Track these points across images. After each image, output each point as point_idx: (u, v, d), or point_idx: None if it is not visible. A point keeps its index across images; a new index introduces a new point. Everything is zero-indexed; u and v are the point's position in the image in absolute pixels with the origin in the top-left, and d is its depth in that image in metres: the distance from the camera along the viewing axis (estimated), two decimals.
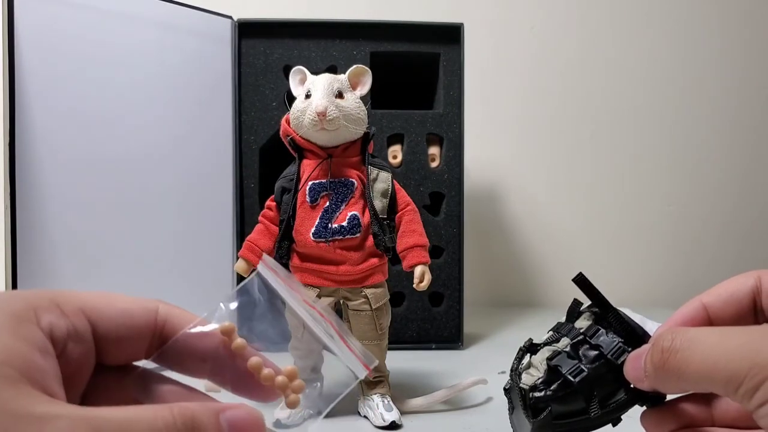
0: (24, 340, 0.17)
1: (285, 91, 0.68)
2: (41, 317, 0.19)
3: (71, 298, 0.20)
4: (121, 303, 0.21)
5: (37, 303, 0.19)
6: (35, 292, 0.19)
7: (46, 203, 0.53)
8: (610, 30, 0.99)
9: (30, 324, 0.18)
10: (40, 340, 0.18)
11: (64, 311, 0.19)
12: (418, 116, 0.70)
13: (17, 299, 0.19)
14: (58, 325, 0.19)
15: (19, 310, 0.18)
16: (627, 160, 1.01)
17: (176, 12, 0.63)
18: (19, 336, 0.17)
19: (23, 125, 0.52)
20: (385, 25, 0.70)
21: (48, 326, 0.18)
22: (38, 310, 0.19)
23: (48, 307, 0.19)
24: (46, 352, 0.18)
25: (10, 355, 0.17)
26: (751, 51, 1.02)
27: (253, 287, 0.23)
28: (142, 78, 0.60)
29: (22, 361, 0.17)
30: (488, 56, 0.96)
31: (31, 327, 0.18)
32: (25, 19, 0.52)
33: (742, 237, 1.03)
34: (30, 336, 0.18)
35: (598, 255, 1.01)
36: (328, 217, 0.47)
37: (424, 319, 0.70)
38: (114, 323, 0.20)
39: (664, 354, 0.22)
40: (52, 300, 0.19)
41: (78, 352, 0.19)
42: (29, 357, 0.17)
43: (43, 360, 0.18)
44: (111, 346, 0.21)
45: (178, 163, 0.63)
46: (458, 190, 0.70)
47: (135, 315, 0.21)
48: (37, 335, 0.18)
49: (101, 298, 0.21)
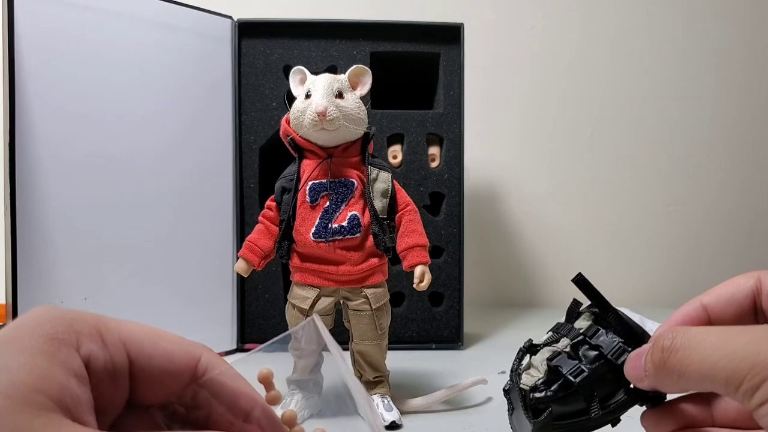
0: (61, 365, 0.17)
1: (285, 91, 0.68)
2: (82, 344, 0.18)
3: (115, 328, 0.19)
4: (164, 343, 0.20)
5: (79, 327, 0.18)
6: (79, 315, 0.19)
7: (46, 203, 0.53)
8: (610, 30, 0.99)
9: (70, 349, 0.18)
10: (78, 367, 0.17)
11: (106, 341, 0.19)
12: (418, 116, 0.70)
13: (59, 320, 0.18)
14: (97, 355, 0.18)
15: (60, 333, 0.18)
16: (627, 160, 1.01)
17: (176, 12, 0.63)
18: (56, 360, 0.17)
19: (23, 125, 0.52)
20: (385, 25, 0.70)
21: (87, 355, 0.18)
22: (80, 336, 0.18)
23: (90, 333, 0.18)
24: (82, 379, 0.17)
25: (44, 382, 0.16)
26: (751, 51, 1.02)
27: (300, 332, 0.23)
28: (142, 78, 0.60)
29: (57, 388, 0.16)
30: (488, 56, 0.96)
31: (71, 352, 0.17)
32: (25, 19, 0.52)
33: (742, 237, 1.03)
34: (68, 361, 0.17)
35: (598, 255, 1.01)
36: (328, 217, 0.47)
37: (424, 319, 0.70)
38: (154, 364, 0.20)
39: (665, 353, 0.22)
40: (95, 327, 0.19)
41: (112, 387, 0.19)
42: (64, 384, 0.17)
43: (78, 388, 0.17)
44: (145, 386, 0.20)
45: (178, 163, 0.63)
46: (458, 190, 0.70)
47: (176, 359, 0.20)
48: (75, 362, 0.17)
49: (146, 335, 0.20)
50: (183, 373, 0.20)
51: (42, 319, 0.18)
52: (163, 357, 0.20)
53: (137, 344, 0.20)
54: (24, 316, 0.18)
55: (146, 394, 0.20)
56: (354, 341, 0.49)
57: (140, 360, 0.19)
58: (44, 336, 0.17)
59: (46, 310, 0.18)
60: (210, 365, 0.21)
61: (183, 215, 0.64)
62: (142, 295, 0.59)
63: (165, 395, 0.20)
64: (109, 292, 0.57)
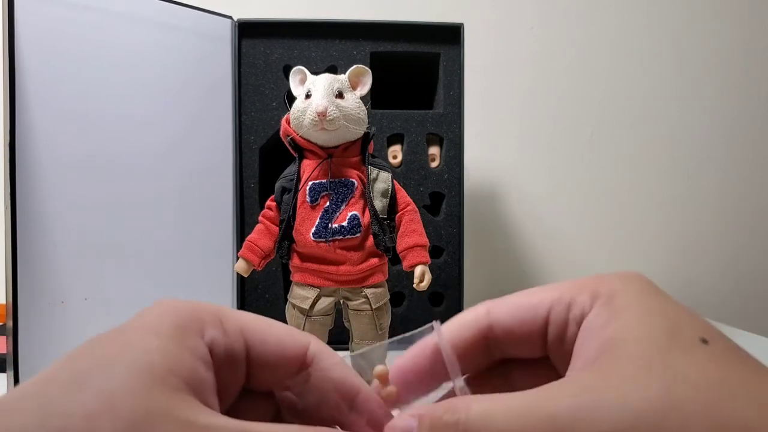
0: (189, 350, 0.18)
1: (285, 91, 0.68)
2: (206, 331, 0.19)
3: (233, 316, 0.20)
4: (277, 331, 0.21)
5: (202, 316, 0.19)
6: (201, 305, 0.20)
7: (46, 203, 0.53)
8: (611, 30, 0.99)
9: (196, 336, 0.19)
10: (204, 353, 0.18)
11: (226, 329, 0.20)
12: (418, 116, 0.70)
13: (184, 310, 0.19)
14: (219, 342, 0.19)
15: (185, 321, 0.19)
16: (627, 160, 1.01)
17: (176, 12, 0.63)
18: (185, 346, 0.18)
19: (23, 125, 0.52)
20: (385, 25, 0.70)
21: (210, 341, 0.19)
22: (203, 324, 0.19)
23: (212, 321, 0.19)
24: (208, 364, 0.18)
25: (177, 364, 0.17)
26: (751, 51, 1.02)
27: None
28: (141, 78, 0.60)
29: (188, 371, 0.17)
30: (488, 56, 0.96)
31: (197, 339, 0.18)
32: (25, 19, 0.52)
33: (742, 237, 1.03)
34: (195, 347, 0.18)
35: (598, 255, 1.01)
36: (328, 217, 0.47)
37: (424, 319, 0.70)
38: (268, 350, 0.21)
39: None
40: (215, 315, 0.20)
41: (231, 372, 0.20)
42: (194, 368, 0.18)
43: (204, 372, 0.18)
44: (259, 372, 0.21)
45: (178, 163, 0.63)
46: (458, 190, 0.70)
47: (288, 346, 0.21)
48: (201, 348, 0.18)
49: (260, 323, 0.21)
50: (294, 359, 0.21)
51: (167, 308, 0.19)
52: (276, 343, 0.21)
53: (253, 331, 0.20)
54: (147, 308, 0.19)
55: (260, 380, 0.21)
56: (354, 341, 0.50)
57: (256, 346, 0.20)
58: (171, 323, 0.18)
59: (170, 301, 0.20)
60: (318, 352, 0.22)
61: (183, 215, 0.64)
62: (142, 295, 0.59)
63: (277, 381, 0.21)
64: (109, 292, 0.57)
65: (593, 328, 0.19)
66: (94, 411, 0.15)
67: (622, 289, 0.19)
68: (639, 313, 0.18)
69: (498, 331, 0.21)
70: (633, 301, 0.19)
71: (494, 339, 0.21)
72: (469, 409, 0.17)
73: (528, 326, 0.21)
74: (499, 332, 0.21)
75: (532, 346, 0.21)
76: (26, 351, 0.51)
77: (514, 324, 0.21)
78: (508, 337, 0.21)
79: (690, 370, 0.16)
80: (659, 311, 0.18)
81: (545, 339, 0.21)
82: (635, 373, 0.16)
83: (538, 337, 0.21)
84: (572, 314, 0.20)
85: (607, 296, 0.19)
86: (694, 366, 0.16)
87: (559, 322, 0.20)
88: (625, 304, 0.19)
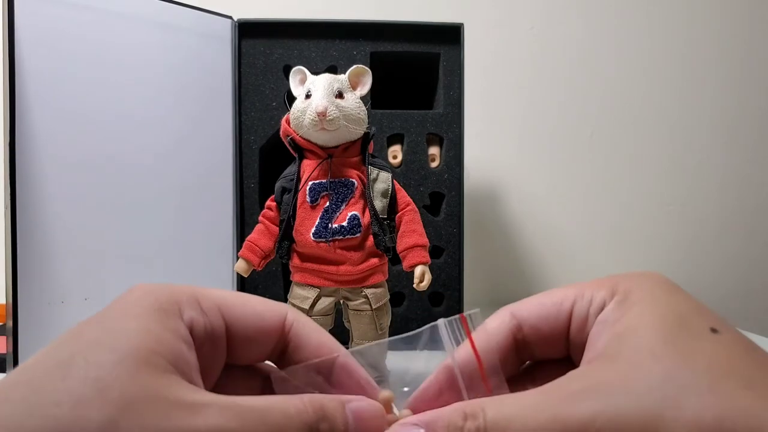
0: (171, 331, 0.18)
1: (285, 91, 0.68)
2: (184, 311, 0.19)
3: (209, 295, 0.21)
4: (253, 305, 0.22)
5: (179, 298, 0.20)
6: (177, 287, 0.20)
7: (46, 203, 0.53)
8: (611, 30, 0.99)
9: (175, 317, 0.19)
10: (184, 333, 0.19)
11: (203, 308, 0.20)
12: (418, 116, 0.70)
13: (162, 293, 0.19)
14: (198, 321, 0.20)
15: (164, 303, 0.19)
16: (627, 160, 1.01)
17: (176, 12, 0.63)
18: (166, 327, 0.18)
19: (23, 125, 0.52)
20: (385, 25, 0.70)
21: (189, 321, 0.19)
22: (181, 305, 0.19)
23: (189, 302, 0.20)
24: (189, 344, 0.19)
25: (160, 345, 0.17)
26: (751, 51, 1.02)
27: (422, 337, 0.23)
28: (141, 78, 0.60)
29: (171, 352, 0.17)
30: (488, 56, 0.96)
31: (176, 320, 0.19)
32: (25, 19, 0.52)
33: (742, 237, 1.03)
34: (176, 328, 0.18)
35: (598, 255, 1.01)
36: (328, 217, 0.47)
37: (424, 319, 0.70)
38: (247, 324, 0.21)
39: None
40: (192, 295, 0.20)
41: (212, 350, 0.20)
42: (177, 348, 0.18)
43: (187, 352, 0.18)
44: (240, 347, 0.21)
45: (178, 163, 0.63)
46: (458, 190, 0.70)
47: (266, 318, 0.21)
48: (181, 328, 0.19)
49: (236, 298, 0.21)
50: (273, 330, 0.22)
51: (144, 292, 0.19)
52: (253, 316, 0.21)
53: (230, 308, 0.21)
54: (124, 293, 0.20)
55: (241, 354, 0.21)
56: (354, 341, 0.50)
57: (235, 322, 0.21)
58: (150, 306, 0.19)
59: (146, 285, 0.20)
60: (295, 321, 0.22)
61: (183, 215, 0.64)
62: None
63: (258, 353, 0.22)
64: (109, 292, 0.57)
65: (607, 322, 0.19)
66: (82, 397, 0.15)
67: (639, 285, 0.20)
68: (650, 305, 0.19)
69: (526, 330, 0.22)
70: (646, 296, 0.19)
71: (523, 340, 0.22)
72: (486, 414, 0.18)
73: (553, 322, 0.21)
74: (527, 332, 0.22)
75: (557, 344, 0.22)
76: (26, 351, 0.51)
77: (539, 321, 0.22)
78: (535, 336, 0.22)
79: (697, 356, 0.16)
80: (670, 304, 0.19)
81: (568, 335, 0.21)
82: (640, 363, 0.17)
83: (562, 333, 0.21)
84: (592, 309, 0.20)
85: (623, 293, 0.20)
86: (702, 352, 0.17)
87: (581, 316, 0.21)
88: (639, 299, 0.19)
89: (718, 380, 0.16)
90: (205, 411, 0.16)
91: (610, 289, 0.20)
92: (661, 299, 0.19)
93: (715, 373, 0.16)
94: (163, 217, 0.62)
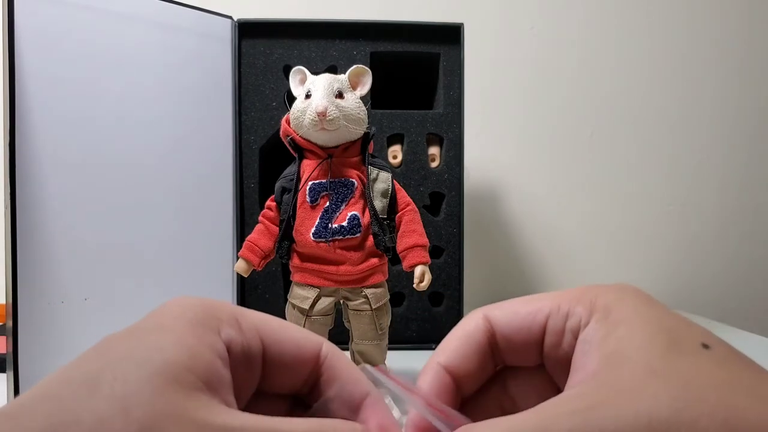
0: (208, 346, 0.18)
1: (285, 91, 0.68)
2: (222, 328, 0.19)
3: (249, 315, 0.20)
4: (292, 331, 0.21)
5: (219, 314, 0.19)
6: (216, 302, 0.20)
7: (46, 203, 0.53)
8: (611, 30, 0.99)
9: (213, 333, 0.18)
10: (221, 349, 0.18)
11: (242, 327, 0.20)
12: (418, 116, 0.70)
13: (201, 307, 0.19)
14: (236, 339, 0.19)
15: (202, 318, 0.18)
16: (627, 160, 1.01)
17: (176, 12, 0.63)
18: (203, 342, 0.18)
19: (23, 125, 0.52)
20: (385, 25, 0.70)
21: (228, 339, 0.19)
22: (221, 322, 0.19)
23: (228, 320, 0.19)
24: (225, 361, 0.18)
25: (194, 361, 0.17)
26: (751, 51, 1.02)
27: None
28: (141, 78, 0.60)
29: (205, 368, 0.17)
30: (488, 56, 0.96)
31: (214, 335, 0.18)
32: (25, 19, 0.52)
33: (742, 237, 1.03)
34: (212, 343, 0.18)
35: (598, 255, 1.01)
36: (328, 217, 0.47)
37: (424, 319, 0.70)
38: (283, 350, 0.20)
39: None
40: (232, 313, 0.20)
41: (247, 371, 0.20)
42: (212, 364, 0.17)
43: (223, 369, 0.18)
44: (275, 372, 0.21)
45: (178, 163, 0.63)
46: (458, 190, 0.70)
47: (303, 346, 0.21)
48: (218, 344, 0.18)
49: (276, 322, 0.21)
50: (308, 359, 0.21)
51: (184, 307, 0.19)
52: (291, 342, 0.21)
53: (269, 331, 0.20)
54: (163, 305, 0.19)
55: (275, 381, 0.21)
56: (354, 341, 0.50)
57: (272, 345, 0.20)
58: (189, 321, 0.18)
59: (186, 299, 0.20)
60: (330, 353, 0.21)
61: (183, 215, 0.64)
62: (142, 295, 0.59)
63: (291, 382, 0.21)
64: (109, 293, 0.57)
65: (592, 342, 0.19)
66: (105, 415, 0.15)
67: (619, 301, 0.19)
68: (637, 323, 0.18)
69: (499, 338, 0.21)
70: (630, 313, 0.19)
71: (496, 345, 0.21)
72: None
73: (525, 334, 0.21)
74: (499, 339, 0.21)
75: (529, 353, 0.21)
76: (26, 351, 0.51)
77: (512, 331, 0.21)
78: (507, 345, 0.21)
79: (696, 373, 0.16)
80: (657, 321, 0.18)
81: (542, 347, 0.21)
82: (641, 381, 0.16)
83: (535, 344, 0.21)
84: (569, 324, 0.20)
85: (603, 310, 0.19)
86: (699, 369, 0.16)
87: (556, 331, 0.20)
88: (623, 316, 0.19)
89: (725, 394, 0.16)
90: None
91: (588, 305, 0.20)
92: (645, 315, 0.18)
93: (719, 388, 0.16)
94: (163, 217, 0.62)
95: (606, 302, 0.19)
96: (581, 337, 0.19)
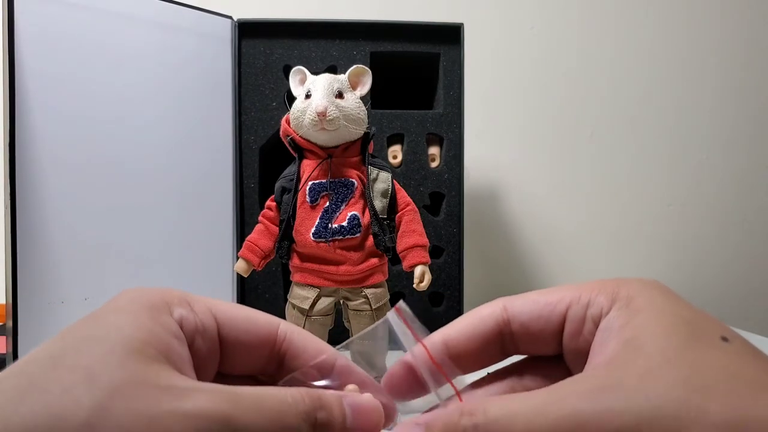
0: (162, 326, 0.19)
1: (285, 91, 0.68)
2: (173, 310, 0.20)
3: (200, 298, 0.21)
4: (245, 310, 0.22)
5: (169, 298, 0.20)
6: (168, 290, 0.21)
7: (46, 203, 0.53)
8: (611, 30, 0.99)
9: (165, 314, 0.19)
10: (175, 328, 0.19)
11: (194, 308, 0.20)
12: (418, 116, 0.70)
13: (152, 293, 0.20)
14: (188, 318, 0.20)
15: (154, 302, 0.19)
16: (627, 160, 1.01)
17: (176, 12, 0.63)
18: (157, 322, 0.19)
19: (23, 125, 0.52)
20: (385, 25, 0.70)
21: (179, 318, 0.20)
22: (171, 304, 0.20)
23: (179, 302, 0.20)
24: (181, 339, 0.19)
25: (152, 338, 0.18)
26: (751, 51, 1.02)
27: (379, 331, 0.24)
28: (141, 78, 0.60)
29: (162, 344, 0.18)
30: (488, 56, 0.96)
31: (167, 317, 0.19)
32: (25, 19, 0.52)
33: (742, 237, 1.03)
34: (166, 324, 0.19)
35: (598, 255, 1.01)
36: (328, 217, 0.47)
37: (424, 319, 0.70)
38: (238, 327, 0.21)
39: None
40: (182, 297, 0.21)
41: (205, 348, 0.20)
42: (168, 341, 0.18)
43: (179, 346, 0.19)
44: (233, 351, 0.21)
45: (178, 163, 0.63)
46: (458, 190, 0.70)
47: (258, 323, 0.22)
48: (172, 324, 0.19)
49: (228, 304, 0.22)
50: (266, 338, 0.22)
51: (135, 293, 0.20)
52: (246, 321, 0.22)
53: (221, 310, 0.21)
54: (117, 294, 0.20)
55: (234, 361, 0.21)
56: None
57: (227, 323, 0.21)
58: (143, 304, 0.19)
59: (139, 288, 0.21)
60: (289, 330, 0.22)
61: (183, 215, 0.64)
62: None
63: (252, 362, 0.22)
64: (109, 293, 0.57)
65: (612, 329, 0.19)
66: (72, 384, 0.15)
67: (640, 292, 0.20)
68: (657, 313, 0.18)
69: (514, 326, 0.22)
70: (652, 303, 0.19)
71: (510, 334, 0.22)
72: (487, 412, 0.17)
73: (544, 322, 0.21)
74: (515, 327, 0.22)
75: (547, 342, 0.21)
76: (26, 351, 0.50)
77: (531, 320, 0.21)
78: (524, 333, 0.22)
79: (710, 363, 0.16)
80: (677, 312, 0.18)
81: (560, 336, 0.21)
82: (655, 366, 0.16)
83: (553, 333, 0.21)
84: (590, 312, 0.20)
85: (626, 299, 0.19)
86: (715, 360, 0.17)
87: (577, 319, 0.20)
88: (644, 306, 0.19)
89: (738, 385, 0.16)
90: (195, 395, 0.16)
91: (610, 294, 0.20)
92: (665, 307, 0.19)
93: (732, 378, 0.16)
94: (163, 217, 0.62)
95: (628, 292, 0.20)
96: (602, 325, 0.20)
